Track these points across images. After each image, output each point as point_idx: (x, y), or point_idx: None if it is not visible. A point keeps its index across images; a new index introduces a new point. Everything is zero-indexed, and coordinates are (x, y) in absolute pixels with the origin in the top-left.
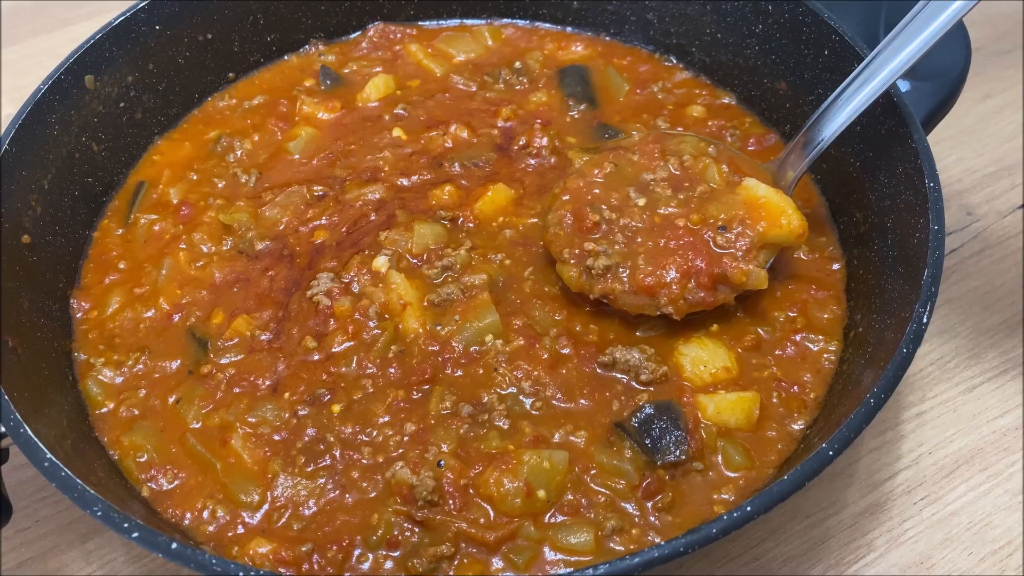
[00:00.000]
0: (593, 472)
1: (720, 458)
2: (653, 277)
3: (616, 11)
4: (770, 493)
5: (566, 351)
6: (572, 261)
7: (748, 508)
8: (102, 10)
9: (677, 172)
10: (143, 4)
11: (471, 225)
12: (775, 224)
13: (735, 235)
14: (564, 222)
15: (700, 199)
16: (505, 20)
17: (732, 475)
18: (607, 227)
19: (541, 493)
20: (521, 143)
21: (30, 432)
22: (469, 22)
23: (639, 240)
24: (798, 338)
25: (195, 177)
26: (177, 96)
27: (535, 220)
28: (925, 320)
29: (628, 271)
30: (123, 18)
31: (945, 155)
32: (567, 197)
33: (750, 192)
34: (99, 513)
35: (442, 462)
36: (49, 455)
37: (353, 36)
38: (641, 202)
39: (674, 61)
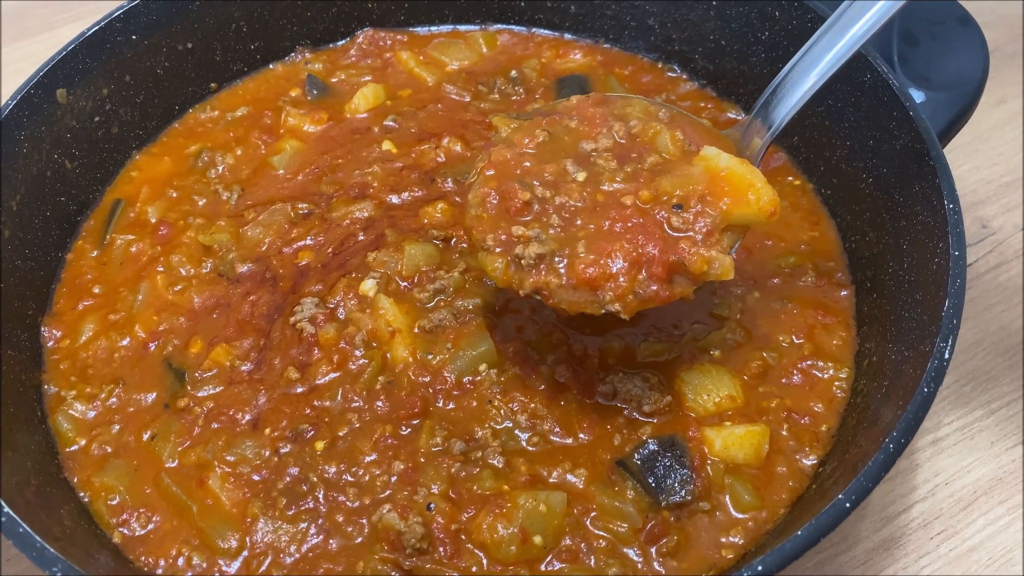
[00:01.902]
0: (593, 514)
1: (728, 497)
2: (596, 267)
3: (615, 16)
4: (782, 551)
5: (565, 380)
6: (497, 249)
7: (759, 568)
8: (92, 12)
9: (623, 140)
10: (118, 13)
11: (464, 245)
12: (741, 200)
13: (693, 215)
14: (488, 202)
15: (651, 172)
16: (500, 26)
17: (741, 516)
18: (540, 207)
19: (537, 539)
20: None
21: None
22: (462, 28)
23: (578, 223)
24: (806, 365)
25: (175, 194)
26: (156, 109)
27: None
28: (947, 356)
29: (566, 260)
30: (97, 28)
31: (958, 164)
32: (491, 172)
33: (710, 163)
34: (59, 574)
35: (432, 505)
36: (7, 509)
37: (341, 43)
38: (580, 177)
39: (678, 71)
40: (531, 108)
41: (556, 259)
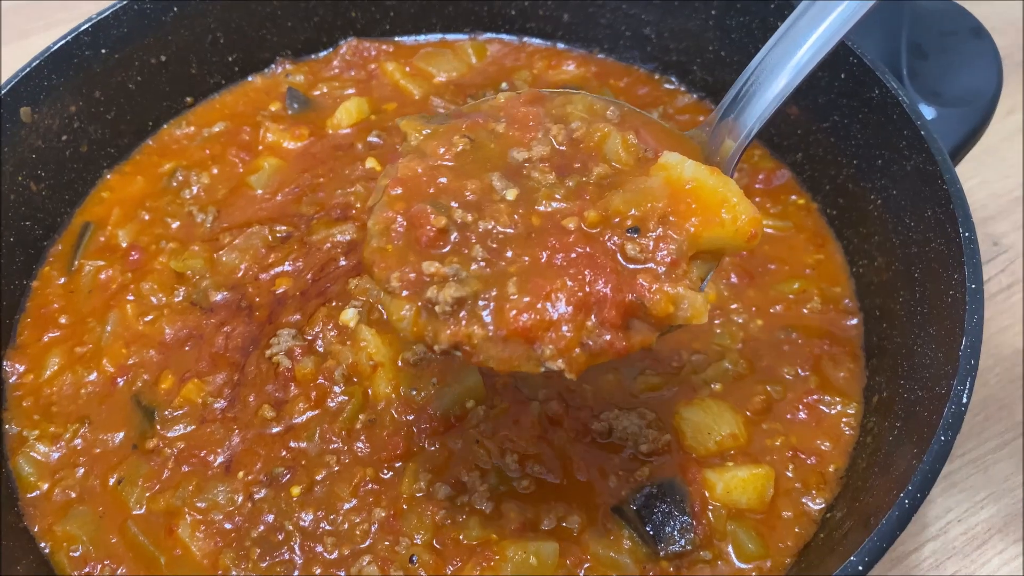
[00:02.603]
0: (587, 565)
1: (730, 546)
2: (531, 313)
3: (610, 25)
4: None
5: (556, 416)
6: (405, 292)
7: None
8: (64, 21)
9: (563, 147)
10: (86, 26)
11: None
12: (712, 220)
13: (653, 240)
14: (393, 230)
15: (598, 187)
16: (490, 35)
17: (744, 567)
18: (459, 236)
19: None
20: None
21: None
22: (451, 37)
23: (509, 255)
24: (812, 399)
25: (147, 216)
26: (128, 125)
27: None
28: (965, 401)
29: (492, 305)
30: (63, 42)
31: (967, 178)
32: (397, 191)
33: (671, 172)
34: None
35: (415, 557)
36: None
37: (323, 54)
38: (511, 195)
39: (675, 83)
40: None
41: (480, 303)
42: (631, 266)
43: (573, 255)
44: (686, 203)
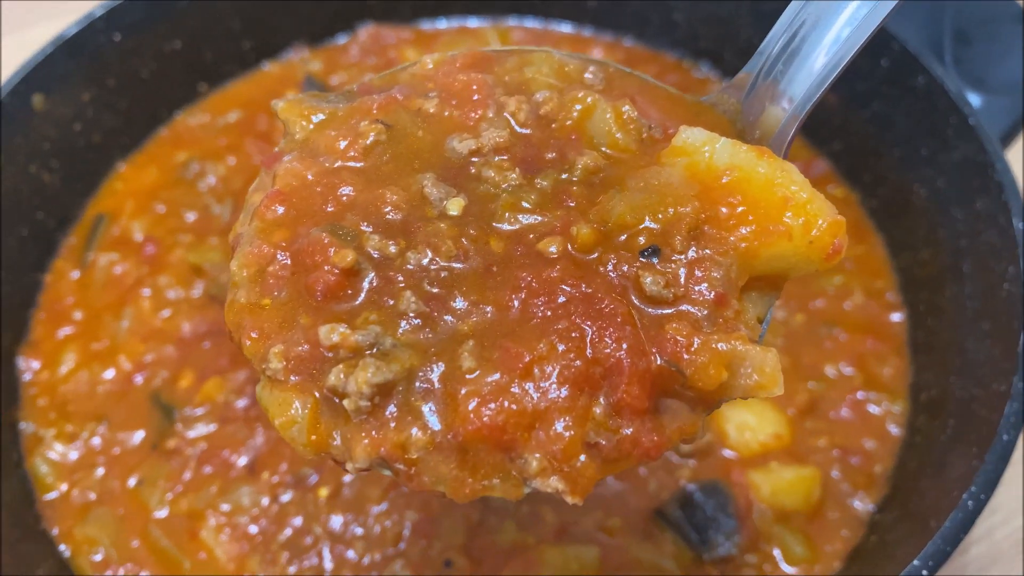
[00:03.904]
0: (629, 571)
1: (777, 550)
2: (503, 399)
3: (639, 11)
4: None
5: None
6: (293, 378)
7: None
8: (62, 12)
9: (527, 130)
10: (100, 12)
11: None
12: (772, 228)
13: (685, 266)
14: (271, 275)
15: (587, 187)
16: (514, 20)
17: (792, 570)
18: (378, 280)
19: None
20: None
21: None
22: (472, 24)
23: (459, 305)
24: (857, 397)
25: (162, 208)
26: (141, 114)
27: None
28: None
29: (439, 390)
30: (77, 29)
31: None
32: (278, 211)
33: (698, 158)
34: None
35: (449, 561)
36: None
37: (341, 40)
38: (454, 207)
39: (704, 71)
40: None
41: (418, 387)
42: (655, 310)
43: (562, 299)
44: (728, 204)
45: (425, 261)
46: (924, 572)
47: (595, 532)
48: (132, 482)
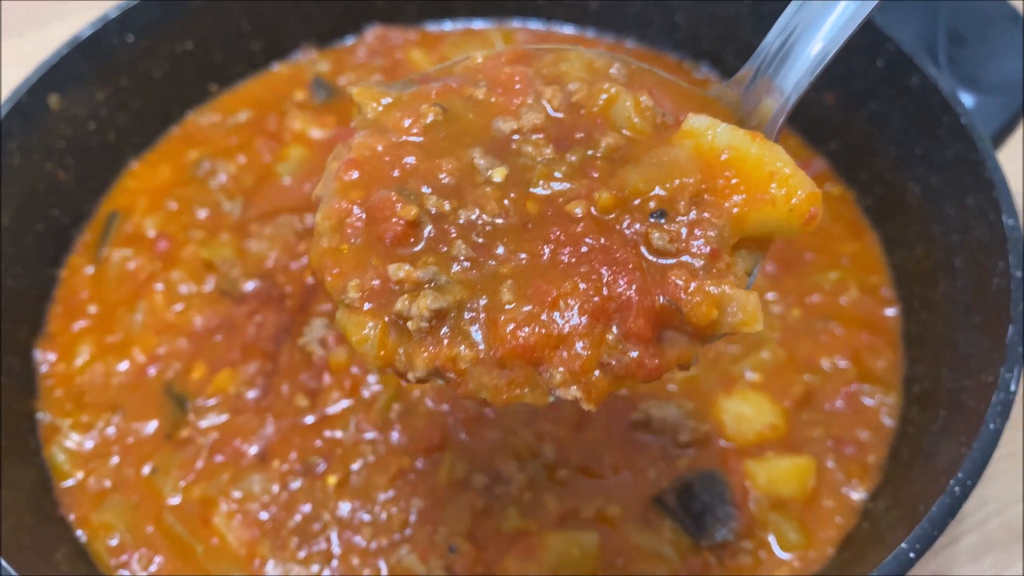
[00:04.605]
0: (628, 556)
1: (772, 536)
2: (534, 325)
3: (641, 12)
4: None
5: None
6: (367, 305)
7: None
8: (75, 10)
9: (560, 114)
10: (114, 14)
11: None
12: (760, 197)
13: (686, 226)
14: (349, 225)
15: (609, 161)
16: (518, 22)
17: (787, 556)
18: (435, 231)
19: None
20: None
21: None
22: (477, 25)
23: (500, 251)
24: (851, 389)
25: (174, 205)
26: (154, 113)
27: None
28: (1013, 388)
29: (483, 317)
30: (92, 30)
31: (1004, 166)
32: (353, 175)
33: (702, 140)
34: None
35: (454, 546)
36: (5, 565)
37: (349, 42)
38: (498, 175)
39: (704, 72)
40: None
41: (467, 315)
42: (660, 260)
43: (584, 249)
44: (724, 177)
45: (473, 217)
46: (911, 555)
47: (595, 519)
48: (146, 470)
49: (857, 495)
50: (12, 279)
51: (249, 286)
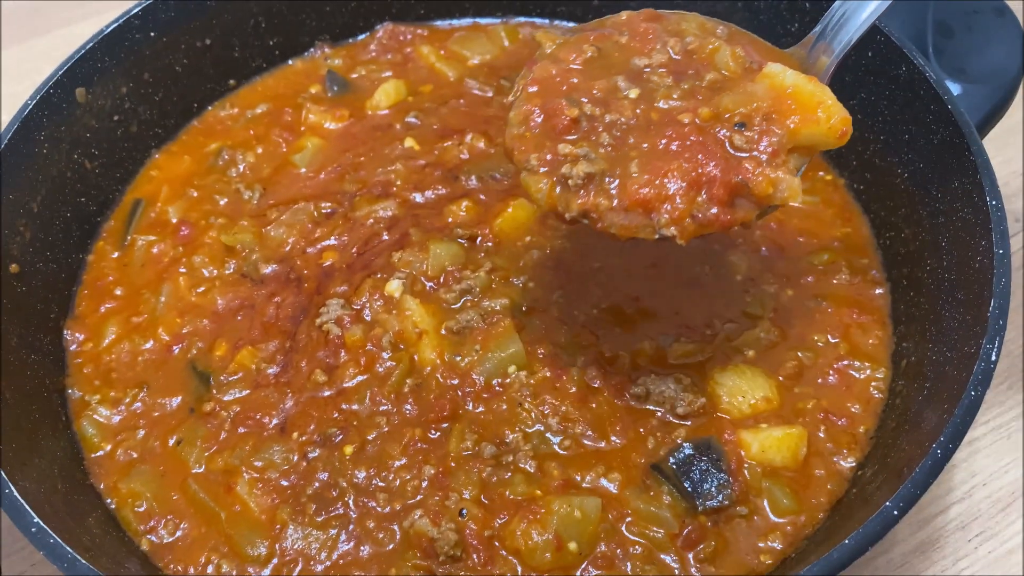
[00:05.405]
0: (628, 520)
1: (766, 501)
2: (650, 188)
3: (639, 8)
4: (829, 560)
5: (596, 383)
6: (542, 169)
7: None
8: (102, 9)
9: (678, 57)
10: (136, 10)
11: (490, 244)
12: (809, 118)
13: (757, 133)
14: (531, 120)
15: (710, 89)
16: (522, 18)
17: (779, 520)
18: (588, 125)
19: (573, 545)
20: None
21: (16, 493)
22: (483, 21)
23: (631, 141)
24: (842, 365)
25: (195, 194)
26: (175, 106)
27: (563, 242)
28: (994, 359)
29: (617, 181)
30: (115, 25)
31: (990, 156)
32: (535, 88)
33: (775, 80)
34: None
35: (464, 511)
36: (37, 519)
37: (361, 38)
38: (633, 93)
39: None
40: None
41: (607, 179)
42: (738, 154)
43: (687, 143)
44: (786, 104)
45: (615, 119)
46: (895, 512)
47: (596, 485)
48: (172, 442)
49: (847, 463)
50: (43, 263)
51: (268, 269)
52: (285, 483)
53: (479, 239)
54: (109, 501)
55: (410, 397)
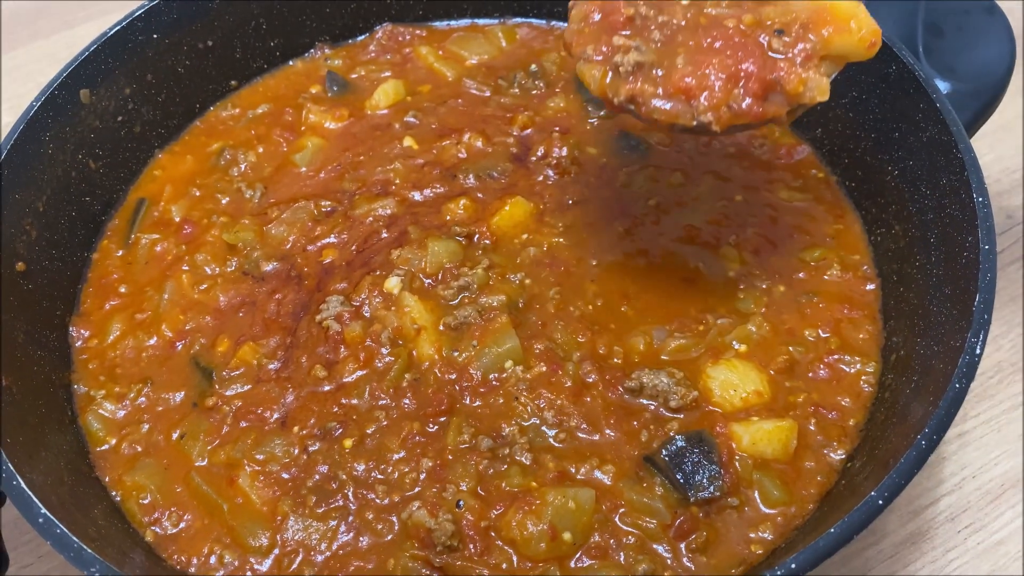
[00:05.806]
0: (622, 511)
1: (757, 493)
2: (693, 77)
3: None
4: (815, 549)
5: (591, 378)
6: (597, 58)
7: (792, 566)
8: (104, 11)
9: None
10: (139, 12)
11: (488, 242)
12: (842, 29)
13: (794, 39)
14: (590, 17)
15: (755, 1)
16: (519, 19)
17: (770, 511)
18: (642, 23)
19: (567, 536)
20: (539, 153)
21: (23, 485)
22: (481, 22)
23: (679, 39)
24: (832, 359)
25: (198, 193)
26: (177, 107)
27: (560, 239)
28: (978, 352)
29: (663, 71)
30: (119, 27)
31: (982, 154)
32: None
33: None
34: (96, 574)
35: (461, 502)
36: (43, 510)
37: (360, 39)
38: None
39: None
40: None
41: (654, 70)
42: (775, 55)
43: (730, 43)
44: (823, 17)
45: (666, 19)
46: (880, 502)
47: (591, 477)
48: (175, 436)
49: (837, 456)
50: (48, 261)
51: (269, 267)
52: (286, 476)
53: (477, 237)
54: (114, 493)
55: (408, 391)
